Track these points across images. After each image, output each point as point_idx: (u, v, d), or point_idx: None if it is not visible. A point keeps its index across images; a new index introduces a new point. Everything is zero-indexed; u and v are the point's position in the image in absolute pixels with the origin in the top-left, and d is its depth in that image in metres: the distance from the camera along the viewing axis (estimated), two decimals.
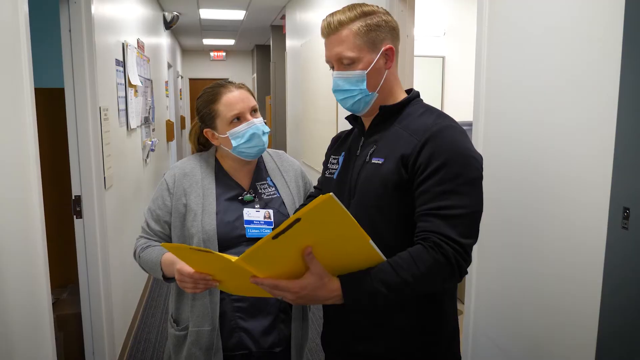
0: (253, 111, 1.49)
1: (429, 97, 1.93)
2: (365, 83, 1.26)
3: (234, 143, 1.47)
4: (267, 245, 1.00)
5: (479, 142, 1.95)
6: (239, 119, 1.47)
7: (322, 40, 1.33)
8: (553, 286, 1.56)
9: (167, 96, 6.90)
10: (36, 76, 2.80)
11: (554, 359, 1.56)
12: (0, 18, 1.51)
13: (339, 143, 1.48)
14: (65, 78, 2.48)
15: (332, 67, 1.32)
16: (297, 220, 0.96)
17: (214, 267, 1.17)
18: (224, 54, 12.39)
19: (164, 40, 6.86)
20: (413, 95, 1.35)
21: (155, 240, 1.48)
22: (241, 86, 1.51)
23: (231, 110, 1.46)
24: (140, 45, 4.31)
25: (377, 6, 1.30)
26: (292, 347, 1.54)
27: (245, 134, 1.46)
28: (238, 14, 7.32)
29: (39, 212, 1.70)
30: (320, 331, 1.62)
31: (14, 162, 1.57)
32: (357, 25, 1.24)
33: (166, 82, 6.92)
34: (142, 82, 4.15)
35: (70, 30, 2.46)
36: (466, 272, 1.15)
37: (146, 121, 4.44)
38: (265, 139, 1.49)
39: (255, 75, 11.22)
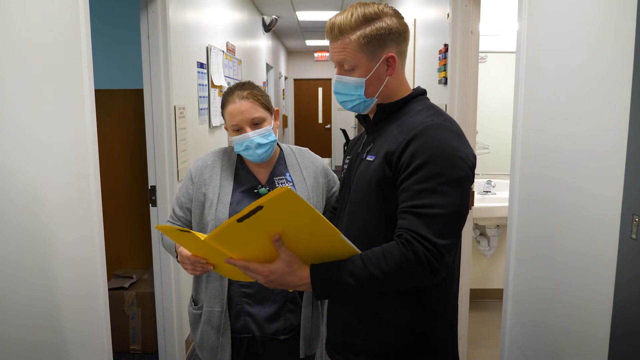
0: (254, 123, 1.54)
1: (511, 95, 1.91)
2: (363, 90, 1.27)
3: (235, 148, 1.58)
4: (233, 227, 1.05)
5: (518, 141, 1.85)
6: (238, 129, 1.55)
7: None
8: (570, 294, 1.46)
9: None
10: (126, 78, 3.16)
11: None
12: (63, 25, 1.74)
13: (351, 145, 1.50)
14: (144, 80, 2.77)
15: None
16: (260, 207, 1.01)
17: (203, 250, 1.27)
18: (327, 54, 12.65)
19: (262, 42, 7.21)
20: (415, 93, 1.33)
21: (178, 225, 1.62)
22: (247, 96, 1.54)
23: (231, 121, 1.56)
24: (229, 48, 4.61)
25: (384, 6, 1.27)
26: (300, 337, 1.59)
27: (242, 144, 1.55)
28: (333, 15, 7.46)
29: (95, 200, 1.90)
30: None
31: (75, 157, 1.79)
32: (357, 34, 1.23)
33: (264, 83, 7.26)
34: (229, 83, 4.44)
35: (148, 37, 2.74)
36: (440, 273, 1.12)
37: None
38: (261, 150, 1.55)
39: None
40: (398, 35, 1.26)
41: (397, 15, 1.28)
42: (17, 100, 1.46)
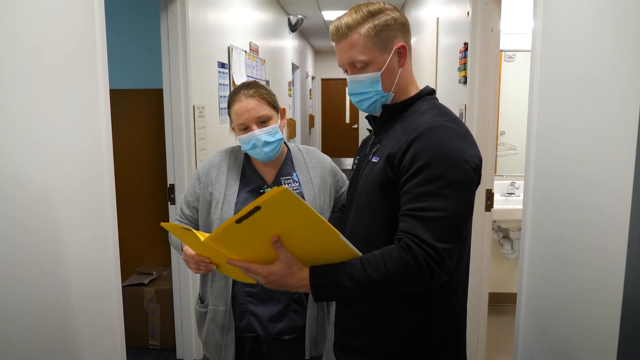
0: (261, 121, 1.54)
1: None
2: (380, 84, 1.26)
3: (242, 147, 1.58)
4: (231, 228, 1.05)
5: (532, 140, 1.81)
6: (245, 128, 1.55)
7: (431, 36, 1.34)
8: (580, 294, 1.42)
9: (290, 96, 7.27)
10: (152, 78, 3.22)
11: None
12: (78, 25, 1.78)
13: (361, 145, 1.49)
14: (163, 79, 2.82)
15: (346, 71, 1.32)
16: (257, 208, 1.01)
17: (206, 250, 1.28)
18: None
19: (288, 42, 7.23)
20: (422, 93, 1.31)
21: (186, 224, 1.64)
22: (253, 95, 1.54)
23: (237, 120, 1.56)
24: (253, 48, 4.64)
25: (384, 2, 1.29)
26: (306, 337, 1.59)
27: (248, 143, 1.55)
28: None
29: (109, 200, 1.93)
30: None
31: (89, 157, 1.82)
32: (365, 27, 1.22)
33: (289, 83, 7.29)
34: None
35: (168, 37, 2.78)
36: (441, 277, 1.10)
37: None
38: (268, 148, 1.54)
39: None
40: (403, 26, 1.27)
41: (398, 10, 1.29)
42: (23, 100, 1.47)
